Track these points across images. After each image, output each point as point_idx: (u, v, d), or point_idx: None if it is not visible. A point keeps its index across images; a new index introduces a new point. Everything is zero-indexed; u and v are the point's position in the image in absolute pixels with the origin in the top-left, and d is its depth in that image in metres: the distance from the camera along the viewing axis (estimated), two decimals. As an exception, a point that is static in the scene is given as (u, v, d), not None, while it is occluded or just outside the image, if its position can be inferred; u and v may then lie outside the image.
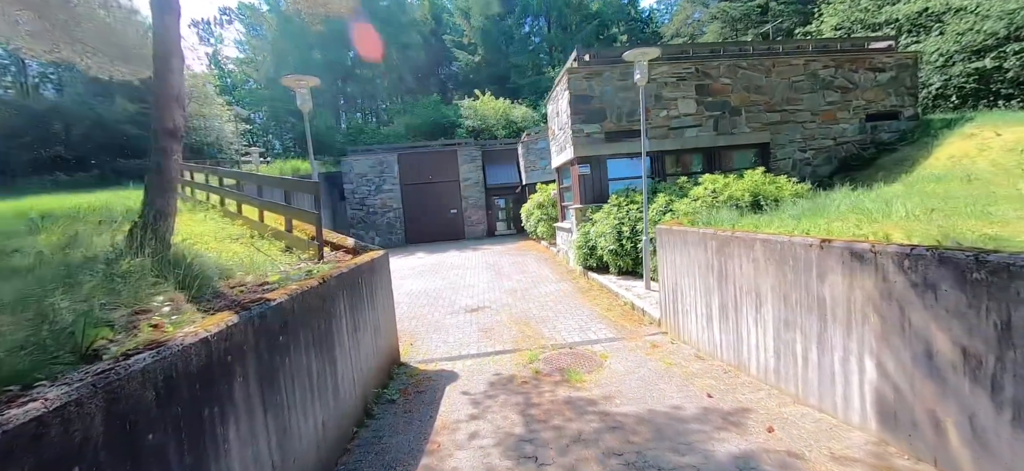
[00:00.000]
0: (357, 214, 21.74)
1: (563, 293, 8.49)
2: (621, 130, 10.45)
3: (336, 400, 3.29)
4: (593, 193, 10.47)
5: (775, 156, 11.00)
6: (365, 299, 4.22)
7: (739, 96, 10.78)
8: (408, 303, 8.71)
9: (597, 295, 8.06)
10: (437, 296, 9.15)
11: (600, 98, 10.33)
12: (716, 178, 8.38)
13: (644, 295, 7.14)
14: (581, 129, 10.33)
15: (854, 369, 2.87)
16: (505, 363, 5.08)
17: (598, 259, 9.41)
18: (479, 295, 8.91)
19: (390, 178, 21.78)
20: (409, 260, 15.41)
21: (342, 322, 3.56)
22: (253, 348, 2.22)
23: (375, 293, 4.60)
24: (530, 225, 17.31)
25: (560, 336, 5.92)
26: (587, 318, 6.66)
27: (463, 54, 37.57)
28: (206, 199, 8.95)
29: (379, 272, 4.87)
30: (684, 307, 5.15)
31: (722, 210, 5.96)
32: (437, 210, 22.13)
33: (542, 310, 7.34)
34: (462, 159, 22.24)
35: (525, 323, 6.67)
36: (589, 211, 10.24)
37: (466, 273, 11.69)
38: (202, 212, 7.95)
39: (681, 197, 8.49)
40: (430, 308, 8.16)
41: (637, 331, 5.87)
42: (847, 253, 2.81)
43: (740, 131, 10.81)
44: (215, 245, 5.33)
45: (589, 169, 10.44)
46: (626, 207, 9.18)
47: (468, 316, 7.37)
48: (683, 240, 5.06)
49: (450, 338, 6.26)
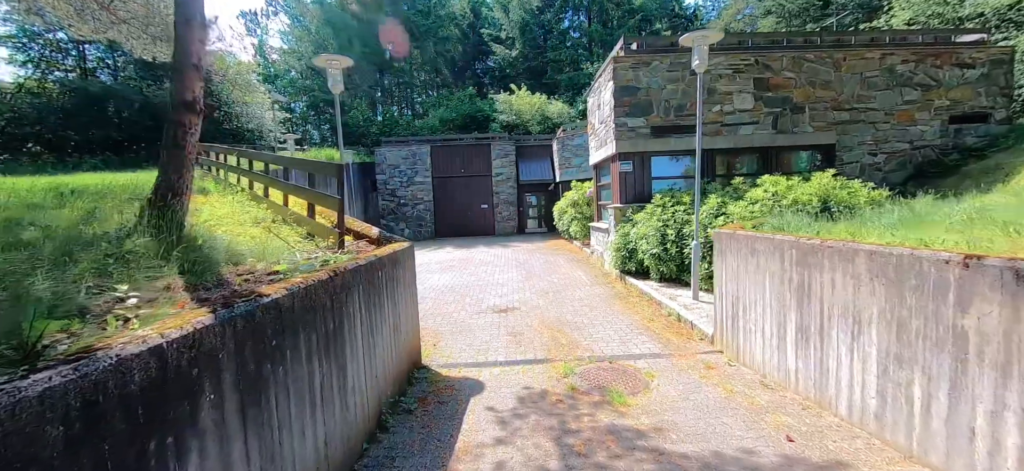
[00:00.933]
0: (388, 205, 21.70)
1: (599, 298, 7.85)
2: (668, 125, 9.66)
3: (344, 412, 2.83)
4: (634, 192, 9.74)
5: (841, 159, 9.92)
6: (385, 296, 3.76)
7: (803, 92, 9.76)
8: (433, 299, 8.29)
9: (636, 302, 7.38)
10: (464, 293, 8.69)
11: (647, 90, 9.58)
12: (777, 180, 7.51)
13: (692, 306, 6.42)
14: (624, 123, 9.61)
15: (1011, 429, 2.15)
16: (536, 375, 4.53)
17: (638, 263, 8.70)
18: (508, 295, 8.39)
19: (422, 170, 21.60)
20: (437, 253, 15.09)
21: (356, 321, 3.11)
22: (233, 356, 1.76)
23: (397, 289, 4.15)
24: (562, 224, 16.66)
25: (598, 347, 5.31)
26: (627, 328, 6.01)
27: (500, 48, 37.12)
28: (236, 182, 8.83)
29: (403, 266, 4.42)
30: (747, 324, 4.44)
31: (787, 215, 5.18)
32: (468, 204, 21.80)
33: (576, 315, 6.74)
34: (495, 153, 21.79)
35: (558, 329, 6.09)
36: (629, 211, 9.53)
37: (495, 270, 11.20)
38: (231, 195, 7.79)
39: (736, 199, 7.67)
40: (456, 306, 7.70)
41: (686, 347, 5.18)
42: (1011, 275, 2.09)
43: (802, 130, 9.80)
44: (234, 229, 5.04)
45: (631, 166, 9.71)
46: (672, 208, 8.42)
47: (496, 317, 6.86)
48: (749, 247, 4.35)
49: (476, 341, 5.76)
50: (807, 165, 10.05)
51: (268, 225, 5.66)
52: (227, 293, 2.20)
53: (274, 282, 2.71)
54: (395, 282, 4.11)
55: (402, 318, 4.28)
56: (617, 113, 9.61)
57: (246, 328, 1.86)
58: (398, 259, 4.27)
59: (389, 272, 3.95)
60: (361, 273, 3.23)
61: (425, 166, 21.61)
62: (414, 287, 4.94)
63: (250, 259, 3.66)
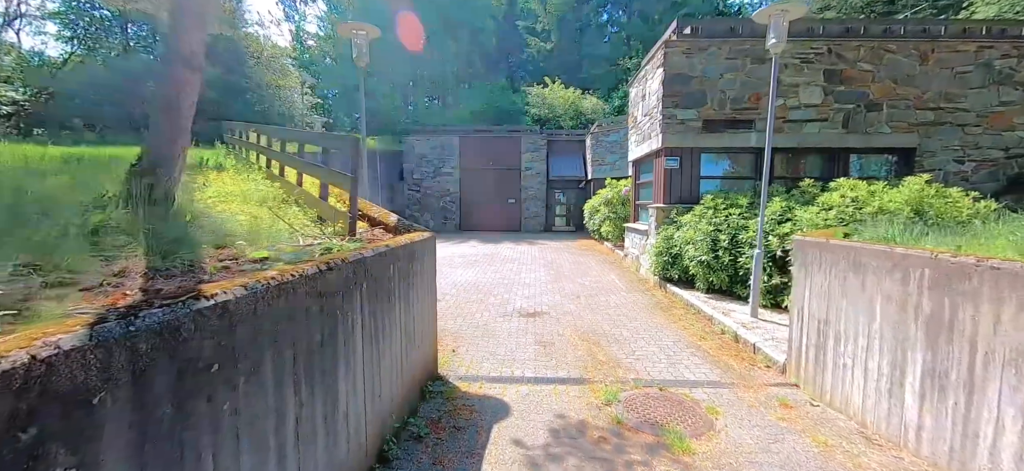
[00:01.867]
0: (413, 195, 21.30)
1: (637, 306, 7.02)
2: (723, 119, 8.68)
3: (331, 449, 2.18)
4: (680, 192, 8.81)
5: (921, 165, 8.69)
6: (396, 296, 3.10)
7: (881, 87, 8.59)
8: (454, 297, 7.65)
9: (681, 315, 6.51)
10: (488, 292, 8.01)
11: (701, 79, 8.63)
12: (856, 183, 6.49)
13: (751, 325, 5.51)
14: (673, 115, 8.69)
15: None
16: (572, 399, 3.79)
17: (681, 270, 7.80)
18: (536, 297, 7.66)
19: (450, 161, 21.08)
20: (461, 247, 14.50)
21: (356, 329, 2.46)
22: (125, 395, 1.10)
23: (413, 288, 3.49)
24: (593, 223, 15.77)
25: (642, 367, 4.52)
26: (675, 345, 5.18)
27: (535, 41, 36.28)
28: (256, 160, 8.43)
29: (421, 260, 3.76)
30: (841, 357, 3.56)
31: (881, 225, 4.24)
32: (495, 198, 21.15)
33: (614, 326, 5.95)
34: (525, 147, 21.04)
35: (594, 341, 5.32)
36: (674, 213, 8.62)
37: (522, 269, 10.48)
38: (248, 173, 7.36)
39: (804, 204, 6.68)
40: (479, 305, 7.03)
41: (751, 376, 4.32)
42: None
43: (878, 131, 8.63)
44: (240, 207, 4.51)
45: (678, 163, 8.79)
46: (724, 211, 7.49)
47: (523, 322, 6.14)
48: (851, 261, 3.47)
49: (500, 349, 5.06)
50: (880, 171, 8.88)
51: (277, 206, 5.13)
52: (146, 291, 1.56)
53: (257, 272, 2.08)
54: (411, 279, 3.45)
55: (417, 323, 3.62)
56: (665, 104, 8.70)
57: (160, 347, 1.21)
58: (416, 252, 3.60)
59: (404, 266, 3.29)
60: (365, 267, 2.57)
61: (453, 157, 21.08)
62: (434, 285, 4.28)
63: (240, 242, 3.08)
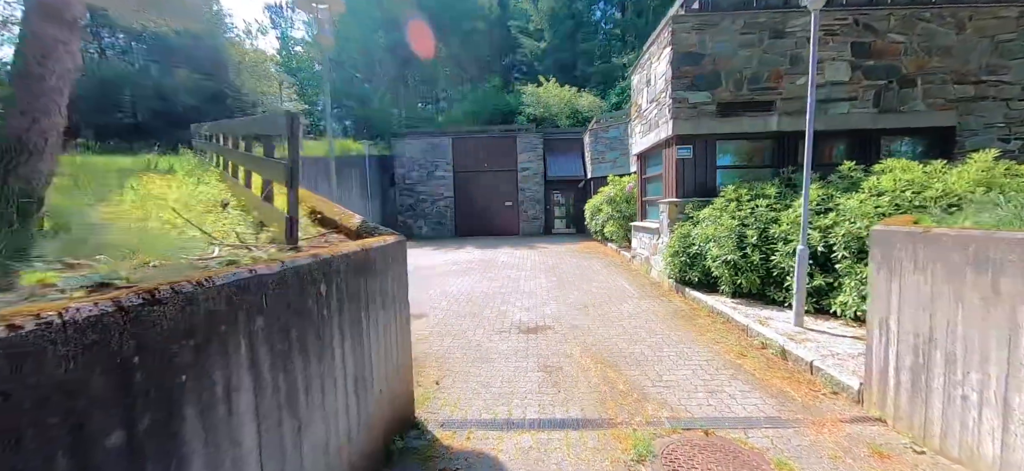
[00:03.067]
0: (406, 201, 20.36)
1: (654, 316, 6.07)
2: (740, 101, 7.77)
3: None
4: (695, 184, 7.89)
5: (961, 146, 7.78)
6: (334, 328, 2.15)
7: (915, 60, 7.70)
8: (445, 310, 6.69)
9: (708, 325, 5.56)
10: (484, 303, 7.05)
11: (713, 57, 7.72)
12: (909, 164, 5.57)
13: (799, 336, 4.57)
14: (685, 98, 7.78)
15: None
16: (590, 455, 2.84)
17: (702, 272, 6.86)
18: (538, 308, 6.71)
19: (443, 164, 20.15)
20: (457, 254, 13.54)
21: (236, 398, 1.50)
22: None
23: (367, 312, 2.54)
24: (596, 223, 14.84)
25: (676, 398, 3.57)
26: (709, 365, 4.23)
27: (528, 40, 35.53)
28: (214, 160, 7.49)
29: (382, 274, 2.80)
30: (959, 388, 2.62)
31: (984, 210, 3.33)
32: (491, 201, 20.21)
33: (631, 342, 4.99)
34: (521, 146, 20.14)
35: (609, 363, 4.36)
36: (689, 207, 7.69)
37: (521, 276, 9.53)
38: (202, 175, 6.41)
39: (846, 192, 5.76)
40: (473, 321, 6.07)
41: (817, 408, 3.37)
42: None
43: (913, 108, 7.74)
44: (162, 213, 3.57)
45: (691, 152, 7.87)
46: (749, 203, 6.58)
47: (523, 340, 5.18)
48: (971, 255, 2.54)
49: (496, 379, 4.10)
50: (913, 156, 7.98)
51: (214, 208, 4.19)
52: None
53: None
54: (365, 300, 2.50)
55: (377, 360, 2.66)
56: (675, 87, 7.79)
57: None
58: (372, 264, 2.65)
59: (352, 284, 2.34)
60: (262, 291, 1.62)
61: (446, 160, 20.15)
62: (404, 303, 3.32)
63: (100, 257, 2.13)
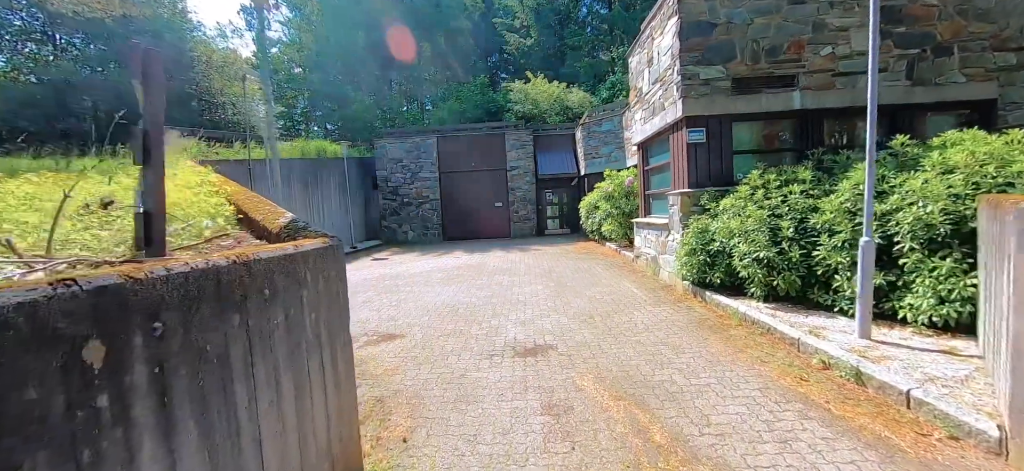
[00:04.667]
0: (390, 204, 19.21)
1: (676, 327, 5.06)
2: (758, 76, 6.84)
3: None
4: (709, 172, 6.93)
5: (1004, 120, 6.94)
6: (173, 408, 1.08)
7: (950, 26, 6.85)
8: (426, 328, 5.61)
9: (744, 338, 4.57)
10: (471, 318, 5.99)
11: (726, 26, 6.79)
12: (984, 136, 4.67)
13: (873, 353, 3.58)
14: (696, 74, 6.83)
15: None
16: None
17: (726, 272, 5.87)
18: (536, 321, 5.66)
19: (428, 165, 19.05)
20: (442, 260, 12.44)
21: None
22: None
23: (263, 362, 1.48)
24: (592, 222, 13.87)
25: (737, 455, 2.55)
26: (764, 397, 3.22)
27: (514, 37, 34.63)
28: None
29: (294, 298, 1.74)
30: None
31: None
32: (480, 202, 19.15)
33: (656, 364, 3.98)
34: (510, 144, 19.13)
35: (635, 399, 3.34)
36: (704, 198, 6.72)
37: (514, 282, 8.48)
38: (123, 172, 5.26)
39: (903, 171, 4.82)
40: (458, 341, 5.01)
41: (941, 466, 2.38)
42: None
43: (949, 80, 6.88)
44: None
45: (704, 135, 6.91)
46: (779, 190, 5.64)
47: (520, 366, 4.14)
48: None
49: (486, 429, 3.05)
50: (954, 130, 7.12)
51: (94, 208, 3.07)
52: None
53: None
54: (256, 344, 1.44)
55: (271, 446, 1.58)
56: (684, 61, 6.83)
57: None
58: (270, 281, 1.58)
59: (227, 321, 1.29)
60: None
61: (431, 160, 19.05)
62: (340, 339, 2.25)
63: None
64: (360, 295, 8.03)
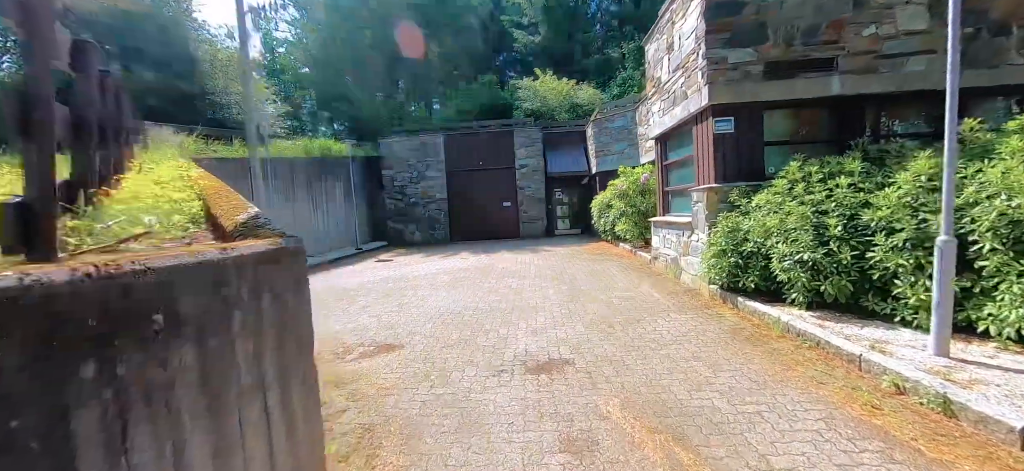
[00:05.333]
0: (396, 205, 18.77)
1: (708, 339, 4.48)
2: (793, 59, 6.23)
3: None
4: (738, 165, 6.33)
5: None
6: None
7: (1007, 3, 6.17)
8: (428, 337, 5.09)
9: (791, 352, 3.97)
10: (477, 326, 5.46)
11: (758, 5, 6.18)
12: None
13: (958, 375, 2.97)
14: (723, 58, 6.23)
15: None
16: None
17: (761, 275, 5.26)
18: (549, 330, 5.12)
19: (434, 164, 18.58)
20: (448, 261, 11.94)
21: None
22: None
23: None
24: (604, 222, 13.28)
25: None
26: (830, 429, 2.65)
27: (522, 34, 34.12)
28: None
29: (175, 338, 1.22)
30: None
31: None
32: (488, 202, 18.62)
33: (692, 385, 3.41)
34: (519, 142, 18.58)
35: (672, 431, 2.78)
36: (734, 194, 6.12)
37: (524, 286, 7.93)
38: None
39: (973, 160, 4.19)
40: (462, 353, 4.48)
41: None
42: None
43: (1007, 62, 6.20)
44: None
45: (732, 125, 6.31)
46: (821, 184, 5.04)
47: (532, 385, 3.60)
48: None
49: (495, 465, 2.51)
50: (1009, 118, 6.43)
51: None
52: None
53: None
54: (130, 415, 0.93)
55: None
56: (709, 44, 6.24)
57: None
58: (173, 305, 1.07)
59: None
60: None
61: (438, 159, 18.57)
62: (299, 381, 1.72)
63: None
64: (360, 300, 7.55)
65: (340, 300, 7.61)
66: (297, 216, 13.98)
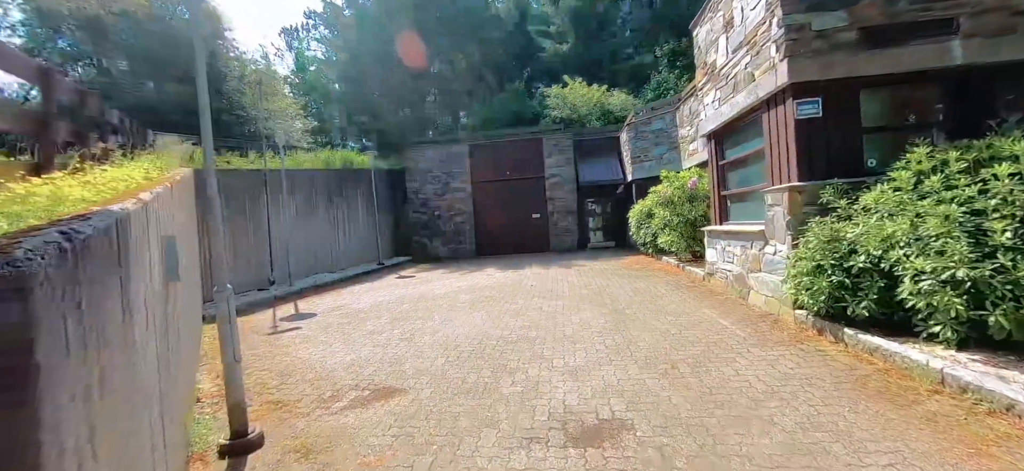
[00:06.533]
0: (421, 218, 18.02)
1: (817, 389, 3.21)
2: (898, 22, 4.91)
3: None
4: (828, 157, 5.02)
5: None
6: None
7: None
8: (437, 376, 4.03)
9: (954, 414, 2.67)
10: (501, 363, 4.36)
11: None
12: None
13: None
14: (805, 24, 4.99)
15: None
16: None
17: (881, 298, 3.91)
18: (593, 371, 3.96)
19: (460, 175, 17.76)
20: (473, 277, 10.92)
21: None
22: None
23: None
24: (644, 234, 11.97)
25: None
26: None
27: (550, 43, 33.38)
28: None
29: None
30: None
31: None
32: (516, 214, 17.59)
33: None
34: (549, 150, 17.55)
35: None
36: (826, 194, 4.80)
37: (557, 308, 6.79)
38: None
39: None
40: (477, 406, 3.39)
41: None
42: None
43: None
44: None
45: (819, 108, 5.02)
46: (966, 179, 3.69)
47: (573, 465, 2.46)
48: None
49: None
50: None
51: None
52: None
53: None
54: None
55: None
56: (786, 8, 5.02)
57: None
58: None
59: None
60: None
61: (463, 170, 17.75)
62: None
63: None
64: (368, 323, 6.60)
65: (346, 324, 6.70)
66: (317, 231, 13.38)
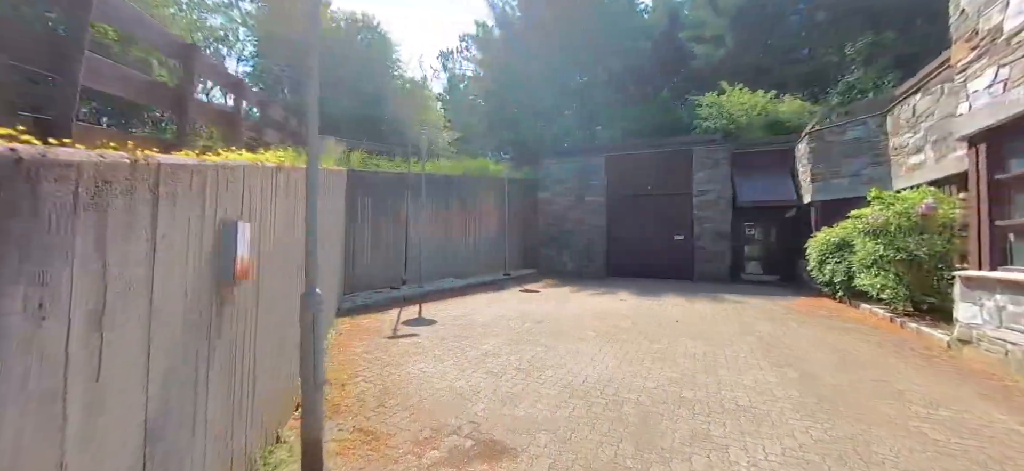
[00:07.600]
0: (550, 230, 17.35)
1: None
2: None
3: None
4: None
5: None
6: None
7: None
8: (560, 445, 2.99)
9: None
10: (647, 437, 3.12)
11: None
12: None
13: None
14: None
15: None
16: None
17: None
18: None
19: (595, 187, 16.62)
20: (604, 301, 9.65)
21: None
22: None
23: None
24: (832, 270, 9.22)
25: None
26: None
27: (704, 48, 30.14)
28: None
29: None
30: None
31: None
32: (655, 234, 15.69)
33: None
34: (699, 163, 15.31)
35: None
36: None
37: (716, 358, 5.17)
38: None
39: None
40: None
41: None
42: None
43: None
44: None
45: None
46: None
47: None
48: None
49: None
50: None
51: None
52: None
53: None
54: None
55: None
56: None
57: None
58: None
59: None
60: None
61: (599, 182, 16.56)
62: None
63: None
64: (486, 343, 5.90)
65: (464, 338, 6.11)
66: (449, 235, 13.63)
